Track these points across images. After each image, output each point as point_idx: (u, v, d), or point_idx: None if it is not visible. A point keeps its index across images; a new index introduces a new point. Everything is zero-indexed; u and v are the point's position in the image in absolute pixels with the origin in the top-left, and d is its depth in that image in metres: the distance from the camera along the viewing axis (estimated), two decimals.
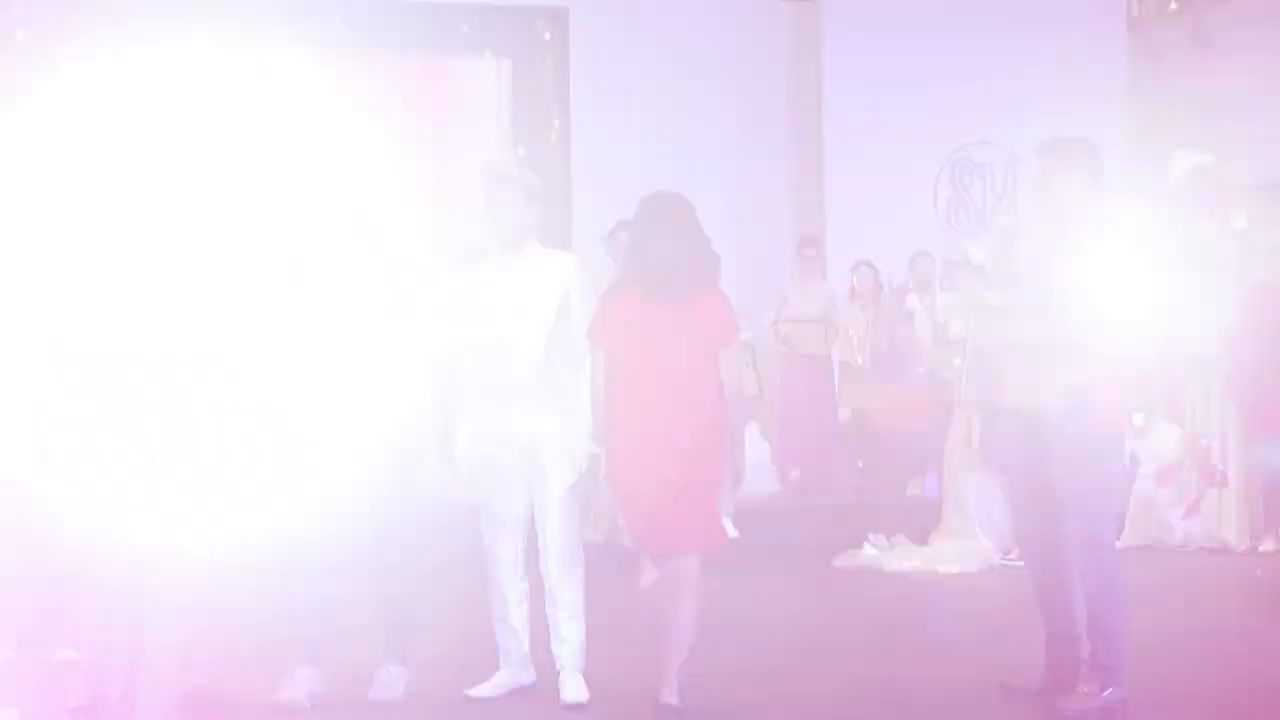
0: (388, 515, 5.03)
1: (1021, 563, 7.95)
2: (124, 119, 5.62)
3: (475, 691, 5.01)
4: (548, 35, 12.14)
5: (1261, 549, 8.28)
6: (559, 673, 4.96)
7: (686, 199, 4.83)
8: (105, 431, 4.23)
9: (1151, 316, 4.78)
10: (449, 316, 5.02)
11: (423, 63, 11.97)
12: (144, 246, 4.49)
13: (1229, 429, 8.15)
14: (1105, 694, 4.70)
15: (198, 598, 4.50)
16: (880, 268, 10.16)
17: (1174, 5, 13.63)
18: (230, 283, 4.47)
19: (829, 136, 11.64)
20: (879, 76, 11.55)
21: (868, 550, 8.25)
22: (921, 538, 8.32)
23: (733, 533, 8.15)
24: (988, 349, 4.61)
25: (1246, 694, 5.09)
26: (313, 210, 4.81)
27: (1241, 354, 8.13)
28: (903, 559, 8.03)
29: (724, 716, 4.82)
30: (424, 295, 5.03)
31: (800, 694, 5.08)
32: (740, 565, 5.13)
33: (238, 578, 4.79)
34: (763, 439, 9.60)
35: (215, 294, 4.31)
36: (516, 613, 5.01)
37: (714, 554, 4.83)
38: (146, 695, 4.36)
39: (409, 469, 5.13)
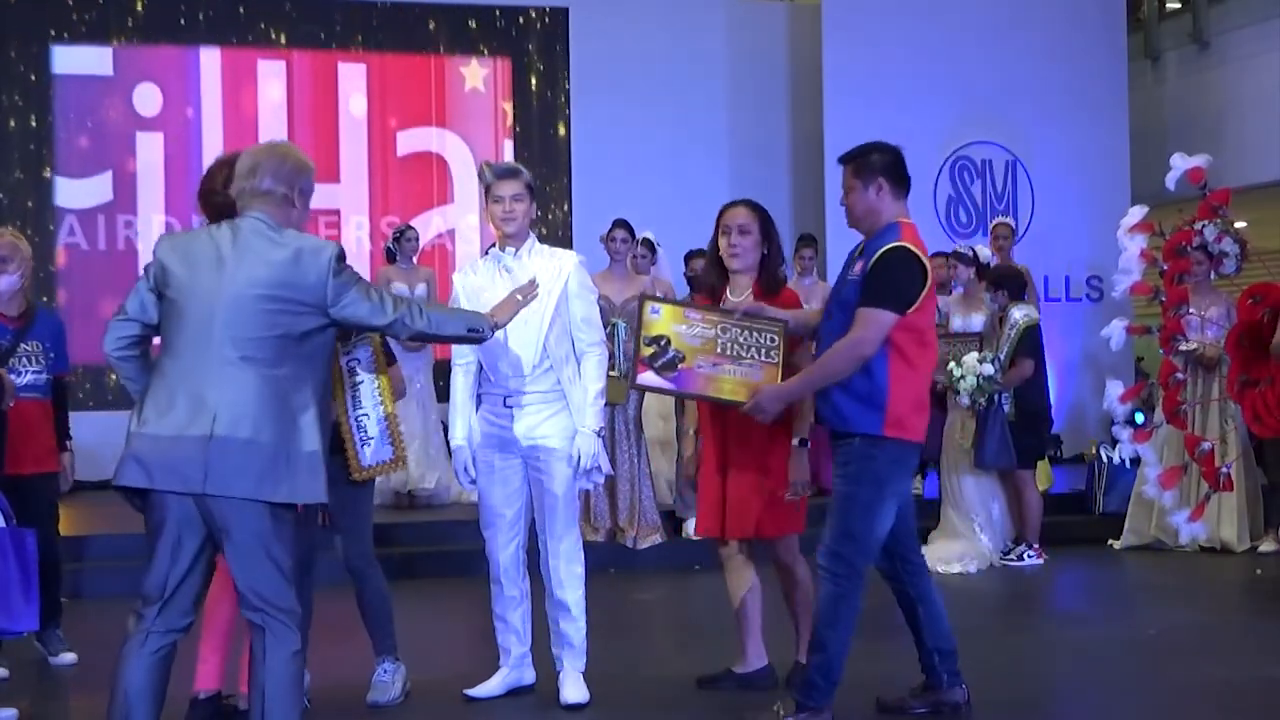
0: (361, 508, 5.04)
1: (1023, 563, 8.00)
2: None
3: (475, 691, 5.00)
4: (548, 35, 12.16)
5: (1261, 549, 8.28)
6: (559, 673, 4.95)
7: None
8: None
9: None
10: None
11: (423, 62, 11.97)
12: None
13: (1229, 429, 8.14)
14: (803, 715, 4.43)
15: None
16: None
17: (1174, 5, 13.66)
18: None
19: (829, 136, 11.64)
20: (879, 76, 11.55)
21: None
22: (921, 538, 8.30)
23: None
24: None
25: (1248, 693, 5.09)
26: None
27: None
28: None
29: (720, 714, 4.81)
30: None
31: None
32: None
33: None
34: None
35: None
36: (517, 613, 5.00)
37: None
38: None
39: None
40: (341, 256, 3.74)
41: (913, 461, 4.54)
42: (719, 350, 4.64)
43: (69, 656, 5.74)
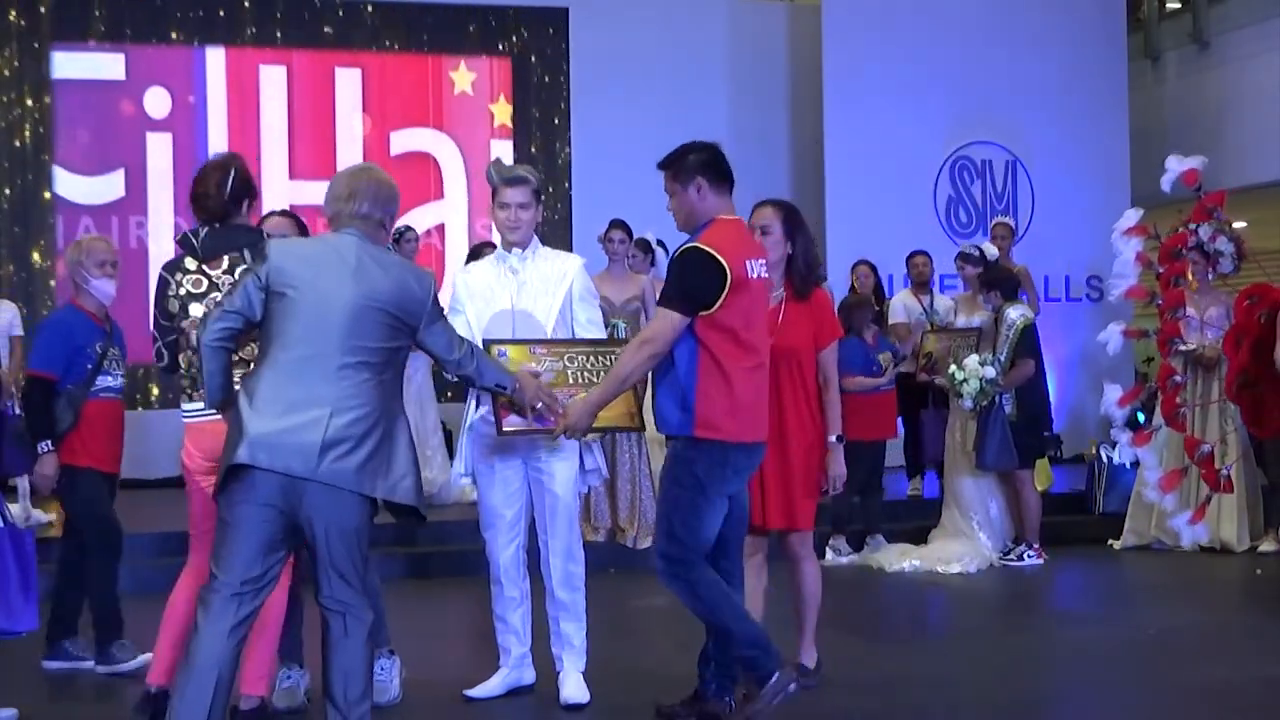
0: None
1: (1023, 563, 8.00)
2: None
3: (475, 691, 5.00)
4: (548, 35, 12.16)
5: (1261, 549, 8.28)
6: (559, 673, 4.96)
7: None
8: None
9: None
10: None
11: (423, 63, 11.99)
12: None
13: (1229, 430, 8.14)
14: (769, 686, 4.28)
15: None
16: (879, 268, 10.14)
17: (1174, 5, 13.66)
18: None
19: (829, 136, 11.65)
20: (879, 76, 11.56)
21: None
22: (921, 538, 8.32)
23: None
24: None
25: (1248, 693, 5.09)
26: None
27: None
28: (902, 559, 8.02)
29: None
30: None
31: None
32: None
33: None
34: None
35: None
36: (518, 613, 5.01)
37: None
38: None
39: None
40: None
41: (740, 462, 4.38)
42: (571, 380, 4.70)
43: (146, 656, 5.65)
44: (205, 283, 4.48)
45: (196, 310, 4.44)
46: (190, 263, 4.52)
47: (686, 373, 4.32)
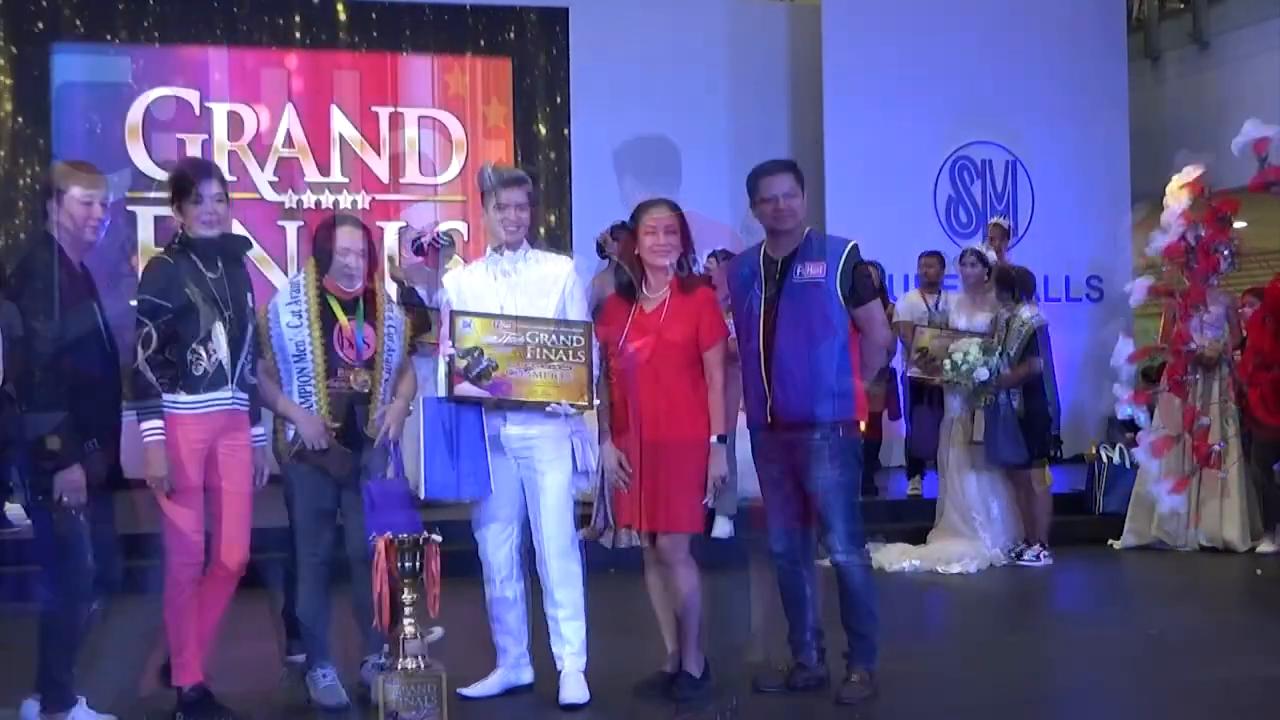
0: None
1: (1022, 562, 8.00)
2: None
3: (470, 691, 5.00)
4: (548, 35, 12.15)
5: (1261, 549, 8.27)
6: (559, 672, 4.94)
7: None
8: None
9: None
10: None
11: (423, 63, 12.00)
12: None
13: (1230, 430, 8.14)
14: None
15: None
16: (880, 267, 10.13)
17: (1174, 5, 13.65)
18: None
19: (829, 136, 11.64)
20: (879, 76, 11.55)
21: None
22: (920, 537, 8.30)
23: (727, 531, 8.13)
24: None
25: (1248, 693, 5.08)
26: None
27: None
28: (902, 559, 8.01)
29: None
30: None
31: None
32: (739, 565, 5.14)
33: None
34: None
35: None
36: (513, 613, 5.00)
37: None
38: None
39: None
40: None
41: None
42: (528, 355, 4.79)
43: None
44: None
45: None
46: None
47: None
